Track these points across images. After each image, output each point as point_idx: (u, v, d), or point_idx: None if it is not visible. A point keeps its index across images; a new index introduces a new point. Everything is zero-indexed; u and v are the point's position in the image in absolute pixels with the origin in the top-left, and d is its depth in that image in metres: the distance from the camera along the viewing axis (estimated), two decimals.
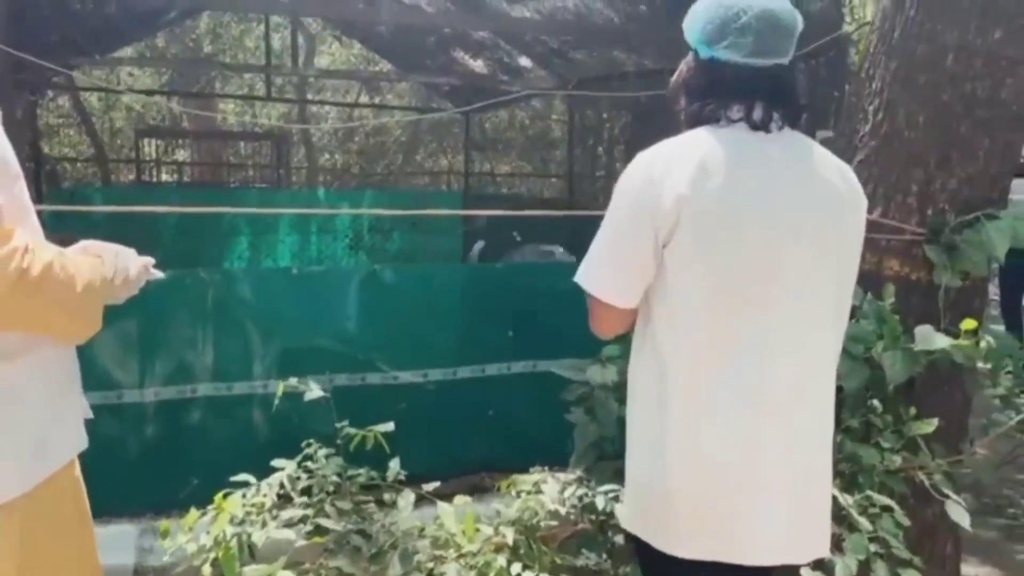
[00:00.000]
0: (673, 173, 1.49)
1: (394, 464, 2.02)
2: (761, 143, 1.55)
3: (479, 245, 7.35)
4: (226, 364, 3.53)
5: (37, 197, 8.81)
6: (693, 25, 1.61)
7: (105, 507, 3.36)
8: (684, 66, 1.66)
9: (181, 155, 15.38)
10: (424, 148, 15.03)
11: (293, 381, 1.97)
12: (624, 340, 2.83)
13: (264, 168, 14.04)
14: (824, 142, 1.75)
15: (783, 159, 1.55)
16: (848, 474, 2.18)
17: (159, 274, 1.58)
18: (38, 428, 1.29)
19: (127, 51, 11.42)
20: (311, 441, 2.06)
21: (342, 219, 9.77)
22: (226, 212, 7.54)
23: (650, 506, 1.59)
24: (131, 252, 1.51)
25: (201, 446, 3.50)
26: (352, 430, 1.99)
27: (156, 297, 3.44)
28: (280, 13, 8.04)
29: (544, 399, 3.91)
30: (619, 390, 2.80)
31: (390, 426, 1.99)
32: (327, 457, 1.96)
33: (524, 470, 4.04)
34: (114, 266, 1.45)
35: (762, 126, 1.56)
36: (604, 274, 1.58)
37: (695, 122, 1.60)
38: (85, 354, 3.10)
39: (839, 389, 1.81)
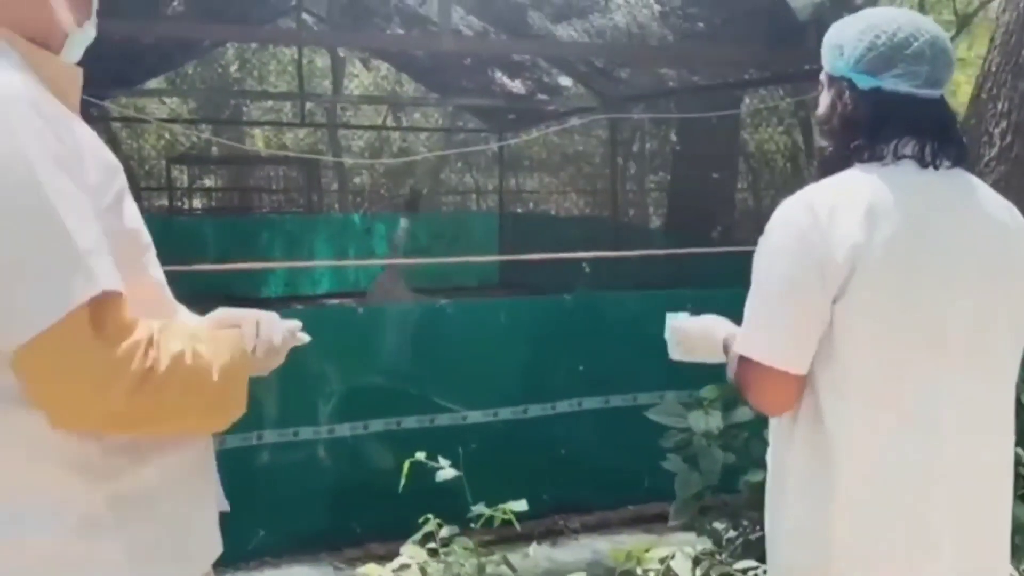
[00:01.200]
0: (842, 219, 1.33)
1: (533, 551, 1.85)
2: (931, 183, 1.39)
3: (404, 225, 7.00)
4: (291, 408, 3.40)
5: None
6: (845, 51, 1.44)
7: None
8: (837, 99, 1.47)
9: (211, 182, 15.44)
10: (458, 168, 14.94)
11: (421, 455, 1.81)
12: (719, 380, 2.68)
13: (295, 193, 14.04)
14: None
15: (954, 200, 1.40)
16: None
17: (305, 337, 1.42)
18: (172, 539, 1.14)
19: (158, 81, 11.49)
20: (429, 517, 1.89)
21: (380, 244, 9.67)
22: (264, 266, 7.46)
23: None
24: (274, 316, 1.33)
25: (267, 495, 3.37)
26: (485, 510, 1.82)
27: None
28: (323, 47, 7.98)
29: (617, 436, 3.77)
30: (722, 437, 2.63)
31: (523, 504, 1.82)
32: (453, 538, 1.80)
33: (600, 511, 3.92)
34: (254, 336, 1.29)
35: (933, 164, 1.39)
36: (775, 336, 1.38)
37: (851, 160, 1.43)
38: None
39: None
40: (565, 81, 7.40)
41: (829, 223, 1.33)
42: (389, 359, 3.61)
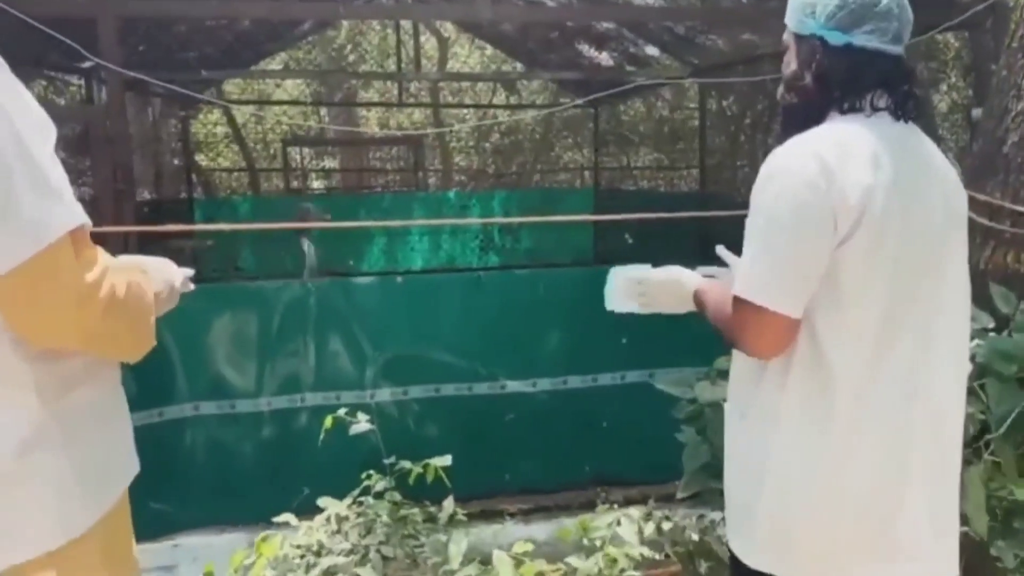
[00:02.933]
0: (851, 164, 1.37)
1: (448, 504, 1.86)
2: (903, 134, 1.46)
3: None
4: (332, 373, 3.52)
5: (190, 206, 9.40)
6: (817, 11, 1.49)
7: (218, 516, 3.45)
8: (809, 56, 1.50)
9: (327, 163, 16.05)
10: (559, 144, 14.91)
11: (342, 412, 1.86)
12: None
13: (403, 172, 14.40)
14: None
15: (922, 151, 1.48)
16: None
17: (192, 286, 1.56)
18: (99, 463, 1.25)
19: (272, 63, 12.03)
20: (371, 473, 1.94)
21: (474, 218, 9.81)
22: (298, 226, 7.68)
23: (795, 537, 1.45)
24: (172, 265, 1.51)
25: (310, 455, 3.51)
26: (407, 464, 1.85)
27: (263, 308, 3.49)
28: (405, 18, 8.13)
29: (660, 410, 3.68)
30: None
31: (447, 460, 1.84)
32: (384, 492, 1.84)
33: (640, 485, 3.85)
34: (161, 280, 1.43)
35: (905, 116, 1.47)
36: (775, 280, 1.39)
37: (826, 114, 1.49)
38: (194, 365, 3.14)
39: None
40: (652, 50, 7.22)
41: (840, 168, 1.37)
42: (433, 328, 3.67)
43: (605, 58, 7.66)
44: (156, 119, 9.06)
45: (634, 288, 1.70)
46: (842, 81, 1.46)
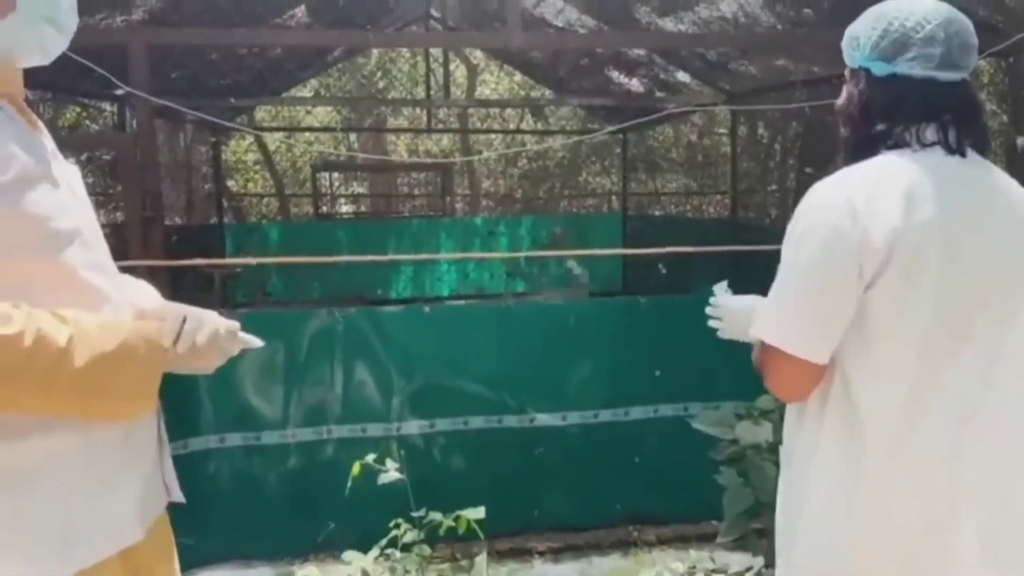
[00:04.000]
0: (879, 203, 1.31)
1: (480, 563, 1.78)
2: (960, 169, 1.37)
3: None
4: (359, 405, 3.46)
5: (221, 232, 9.45)
6: (859, 42, 1.45)
7: (244, 549, 3.38)
8: (854, 88, 1.47)
9: (356, 187, 16.14)
10: (586, 169, 14.86)
11: (370, 458, 1.78)
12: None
13: (431, 197, 14.42)
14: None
15: (983, 188, 1.38)
16: None
17: (255, 341, 1.43)
18: (58, 521, 1.15)
19: (302, 89, 12.14)
20: (399, 522, 1.86)
21: (501, 246, 9.76)
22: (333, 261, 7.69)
23: None
24: (210, 316, 1.36)
25: (336, 488, 3.44)
26: (437, 516, 1.77)
27: (290, 336, 3.44)
28: (435, 46, 8.14)
29: (695, 446, 3.56)
30: (775, 451, 2.43)
31: (480, 512, 1.75)
32: (412, 544, 1.75)
33: (674, 523, 3.72)
34: (174, 332, 1.30)
35: (959, 150, 1.38)
36: (796, 324, 1.35)
37: (874, 147, 1.42)
38: (221, 396, 3.09)
39: None
40: (683, 77, 7.16)
41: (867, 208, 1.30)
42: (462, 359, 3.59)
43: (635, 84, 7.61)
44: (187, 144, 9.15)
45: (716, 313, 1.65)
46: (883, 111, 1.41)
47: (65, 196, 1.24)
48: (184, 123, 8.84)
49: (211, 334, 1.33)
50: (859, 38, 1.45)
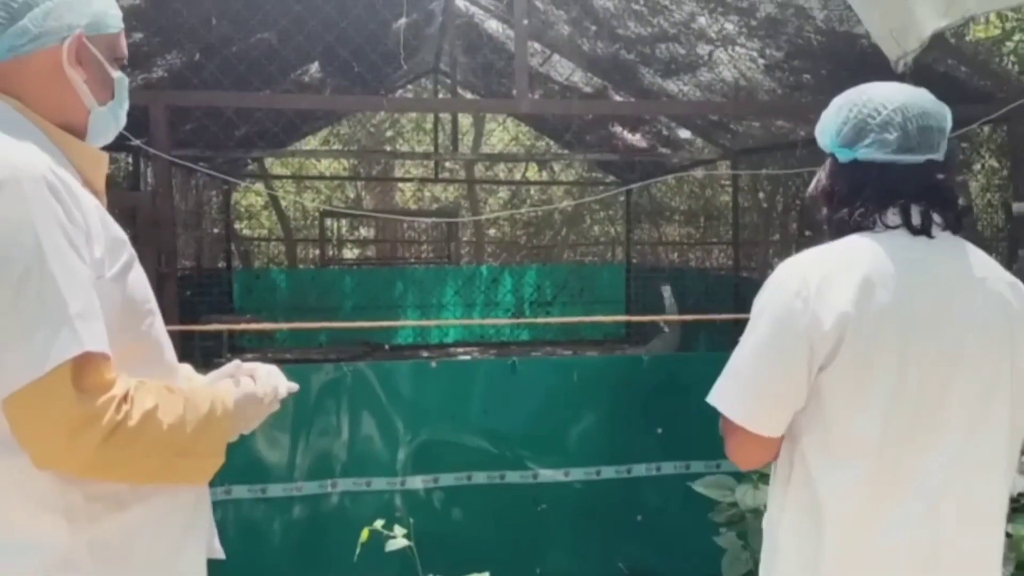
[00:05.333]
0: (833, 287, 1.32)
1: None
2: (926, 251, 1.37)
3: (669, 292, 7.06)
4: (364, 459, 3.51)
5: (229, 277, 9.56)
6: (827, 130, 1.49)
7: None
8: (822, 173, 1.51)
9: (363, 232, 16.31)
10: (590, 218, 15.02)
11: (378, 524, 1.84)
12: None
13: (437, 243, 14.58)
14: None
15: (950, 270, 1.37)
16: None
17: (295, 386, 1.53)
18: None
19: (312, 138, 12.37)
20: None
21: (504, 293, 9.85)
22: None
23: None
24: (277, 370, 1.47)
25: (340, 543, 3.47)
26: None
27: (301, 390, 3.50)
28: (446, 111, 8.34)
29: (697, 505, 3.61)
30: None
31: None
32: None
33: None
34: (268, 386, 1.41)
35: (923, 231, 1.38)
36: (748, 397, 1.38)
37: (843, 230, 1.44)
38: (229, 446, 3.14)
39: None
40: (684, 134, 7.32)
41: (818, 291, 1.32)
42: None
43: (639, 139, 7.77)
44: (199, 191, 9.31)
45: None
46: (846, 196, 1.43)
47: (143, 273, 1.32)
48: (196, 172, 9.01)
49: (288, 389, 1.45)
50: (825, 124, 1.48)
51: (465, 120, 14.98)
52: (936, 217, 1.38)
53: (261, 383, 1.40)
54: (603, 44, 5.83)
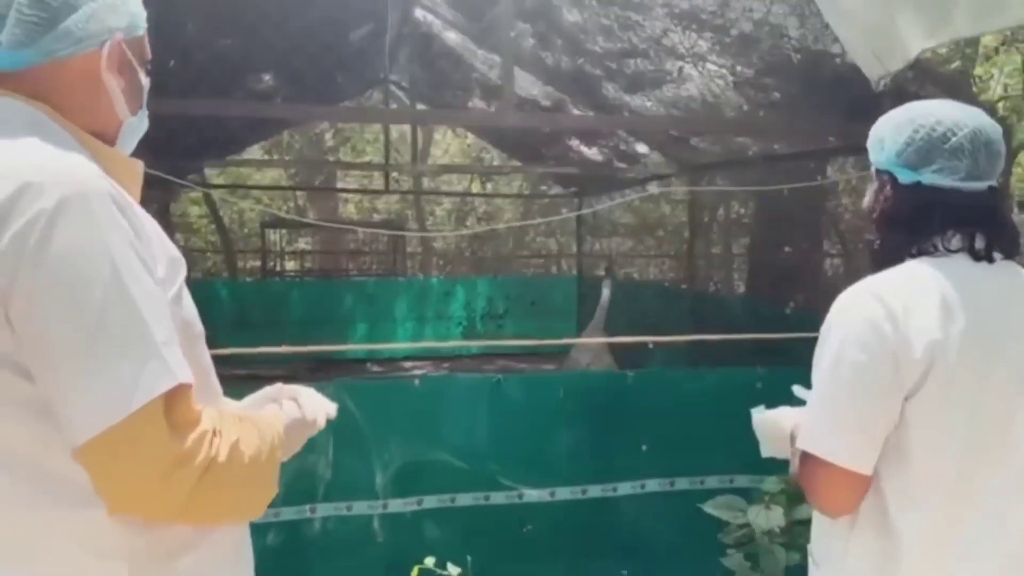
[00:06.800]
0: (918, 313, 1.29)
1: None
2: (989, 276, 1.36)
3: (607, 290, 7.10)
4: (344, 482, 3.38)
5: None
6: (885, 147, 1.43)
7: None
8: (879, 194, 1.46)
9: (304, 243, 15.99)
10: (533, 231, 15.05)
11: (430, 561, 1.75)
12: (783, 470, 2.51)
13: (381, 255, 14.39)
14: None
15: (1011, 295, 1.36)
16: None
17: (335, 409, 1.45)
18: None
19: (257, 149, 12.08)
20: None
21: (457, 306, 9.76)
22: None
23: None
24: (317, 393, 1.39)
25: (321, 570, 3.34)
26: None
27: None
28: (399, 122, 8.22)
29: (682, 521, 3.59)
30: (785, 535, 2.46)
31: None
32: None
33: None
34: (312, 410, 1.33)
35: (987, 257, 1.37)
36: (848, 433, 1.31)
37: (902, 254, 1.41)
38: None
39: None
40: (642, 148, 7.37)
41: (905, 316, 1.29)
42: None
43: (595, 153, 7.80)
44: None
45: (756, 431, 1.61)
46: (909, 221, 1.39)
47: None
48: None
49: (330, 413, 1.38)
50: (884, 140, 1.43)
51: (408, 130, 14.86)
52: (996, 244, 1.38)
53: (307, 408, 1.32)
54: (567, 58, 5.82)
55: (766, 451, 1.58)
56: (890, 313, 1.29)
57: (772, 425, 1.56)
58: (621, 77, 5.58)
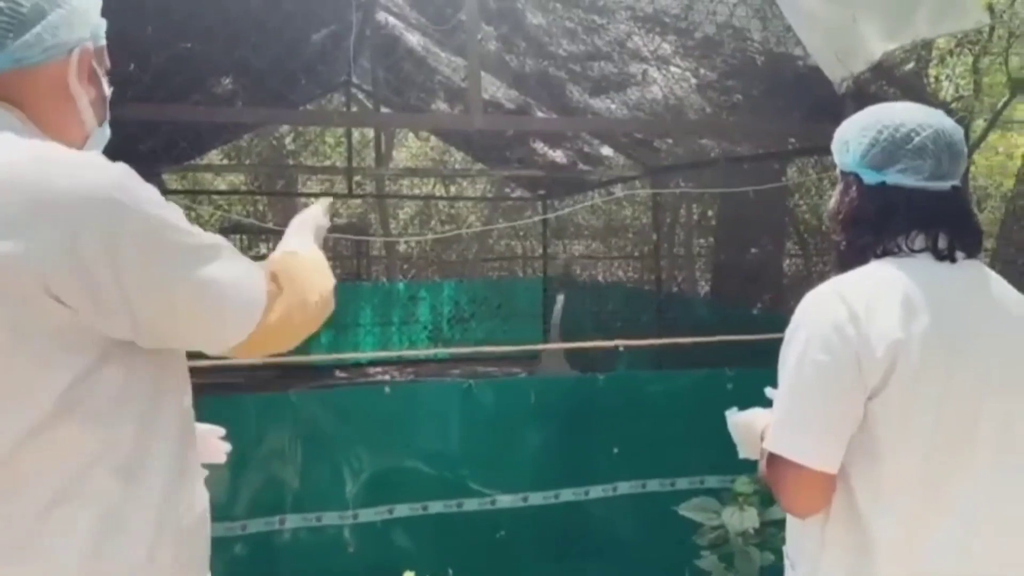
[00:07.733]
0: (879, 313, 1.30)
1: None
2: (952, 275, 1.38)
3: (560, 301, 7.11)
4: (313, 492, 3.33)
5: None
6: (850, 147, 1.45)
7: None
8: (845, 195, 1.47)
9: (266, 249, 15.77)
10: (496, 232, 15.03)
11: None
12: (753, 470, 2.53)
13: (344, 259, 14.26)
14: None
15: (976, 294, 1.38)
16: None
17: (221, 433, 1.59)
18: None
19: (217, 154, 11.90)
20: None
21: (423, 310, 9.70)
22: None
23: None
24: (315, 207, 1.61)
25: None
26: None
27: (244, 421, 3.29)
28: (362, 126, 8.14)
29: (655, 523, 3.60)
30: (759, 536, 2.47)
31: None
32: None
33: None
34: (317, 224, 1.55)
35: (949, 256, 1.38)
36: (814, 433, 1.32)
37: (867, 254, 1.43)
38: None
39: None
40: (606, 151, 7.40)
41: (867, 317, 1.30)
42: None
43: (559, 155, 7.81)
44: None
45: (732, 433, 1.61)
46: (874, 221, 1.40)
47: None
48: None
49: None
50: (849, 143, 1.45)
51: (370, 133, 14.76)
52: (958, 243, 1.39)
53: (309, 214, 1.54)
54: (532, 61, 5.82)
55: (743, 453, 1.59)
56: (852, 314, 1.30)
57: (746, 427, 1.57)
58: (585, 80, 5.59)
